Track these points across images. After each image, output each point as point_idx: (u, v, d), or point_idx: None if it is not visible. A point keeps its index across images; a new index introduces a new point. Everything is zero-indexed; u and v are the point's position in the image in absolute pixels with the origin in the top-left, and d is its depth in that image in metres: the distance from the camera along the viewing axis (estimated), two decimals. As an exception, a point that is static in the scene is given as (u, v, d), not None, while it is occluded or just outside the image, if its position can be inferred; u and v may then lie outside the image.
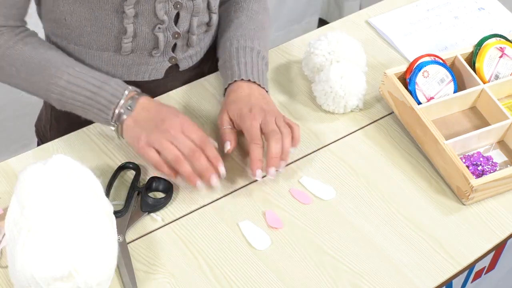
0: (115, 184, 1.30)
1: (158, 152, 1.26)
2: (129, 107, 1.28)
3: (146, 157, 1.26)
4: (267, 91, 1.39)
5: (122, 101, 1.28)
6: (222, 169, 1.27)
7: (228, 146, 1.32)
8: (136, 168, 1.31)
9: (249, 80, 1.38)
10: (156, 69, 1.45)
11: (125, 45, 1.38)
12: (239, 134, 1.35)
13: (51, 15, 1.39)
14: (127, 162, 1.31)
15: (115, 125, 1.30)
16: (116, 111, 1.28)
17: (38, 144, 1.63)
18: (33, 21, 1.42)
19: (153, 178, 1.30)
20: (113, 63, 1.42)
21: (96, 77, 1.31)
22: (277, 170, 1.29)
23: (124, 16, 1.34)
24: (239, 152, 1.37)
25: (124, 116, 1.28)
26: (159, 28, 1.37)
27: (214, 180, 1.26)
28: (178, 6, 1.37)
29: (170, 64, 1.46)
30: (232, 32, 1.45)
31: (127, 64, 1.43)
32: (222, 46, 1.46)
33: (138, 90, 1.32)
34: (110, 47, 1.39)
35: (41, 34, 1.43)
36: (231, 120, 1.34)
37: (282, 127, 1.31)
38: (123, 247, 1.21)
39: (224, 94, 1.40)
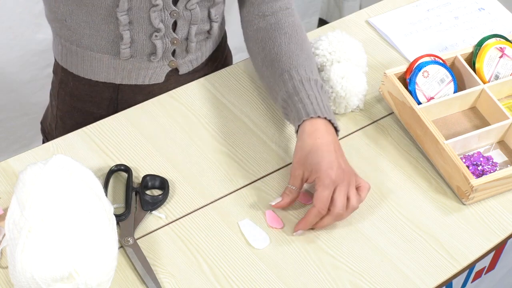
0: (110, 187, 1.29)
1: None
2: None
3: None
4: (335, 127, 1.29)
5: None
6: None
7: (273, 202, 1.27)
8: (127, 169, 1.31)
9: (318, 117, 1.27)
10: (156, 73, 1.45)
11: (123, 51, 1.38)
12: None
13: (53, 16, 1.39)
14: (117, 165, 1.31)
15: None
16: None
17: (43, 142, 1.64)
18: (45, 23, 1.41)
19: (147, 176, 1.30)
20: (113, 67, 1.42)
21: None
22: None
23: (119, 23, 1.34)
24: (240, 153, 1.37)
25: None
26: (156, 36, 1.37)
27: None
28: (175, 14, 1.36)
29: (170, 68, 1.46)
30: (287, 63, 1.34)
31: (127, 68, 1.42)
32: (279, 79, 1.33)
33: None
34: (109, 51, 1.39)
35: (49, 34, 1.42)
36: (303, 175, 1.25)
37: (350, 208, 1.24)
38: (135, 248, 1.21)
39: (297, 132, 1.28)
